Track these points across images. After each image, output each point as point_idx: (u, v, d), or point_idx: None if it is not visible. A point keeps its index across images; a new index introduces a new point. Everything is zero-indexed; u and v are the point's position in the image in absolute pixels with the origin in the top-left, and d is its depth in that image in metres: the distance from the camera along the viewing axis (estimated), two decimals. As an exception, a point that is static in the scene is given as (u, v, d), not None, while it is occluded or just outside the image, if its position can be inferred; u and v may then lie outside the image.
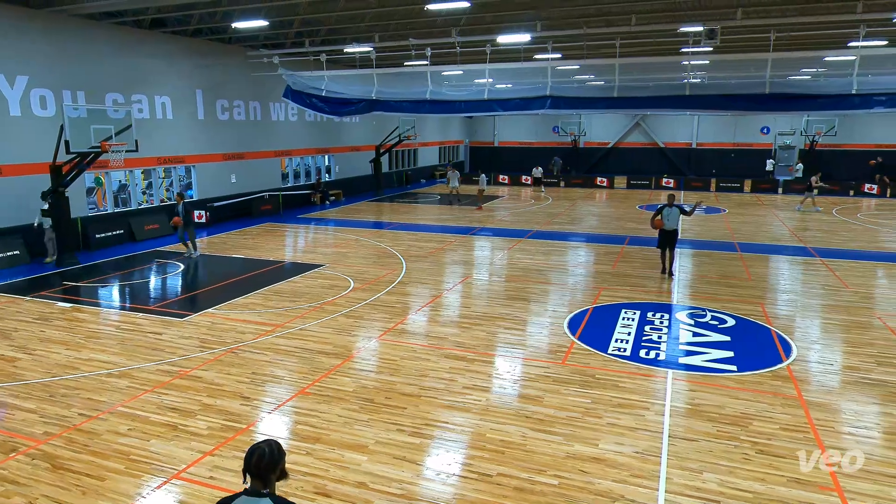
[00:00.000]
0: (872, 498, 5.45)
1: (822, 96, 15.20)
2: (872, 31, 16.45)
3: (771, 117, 35.79)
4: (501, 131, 43.87)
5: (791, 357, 8.86)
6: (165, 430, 6.61)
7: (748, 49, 20.48)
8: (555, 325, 10.30)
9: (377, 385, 7.86)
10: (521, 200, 28.73)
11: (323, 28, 20.65)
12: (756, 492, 5.53)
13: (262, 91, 23.00)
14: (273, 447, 2.95)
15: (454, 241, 17.94)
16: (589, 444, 6.35)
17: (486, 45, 18.15)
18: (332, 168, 29.00)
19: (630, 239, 18.40)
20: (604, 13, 17.63)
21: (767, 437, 6.49)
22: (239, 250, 16.65)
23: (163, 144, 19.32)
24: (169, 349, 9.09)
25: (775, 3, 16.30)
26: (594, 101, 17.90)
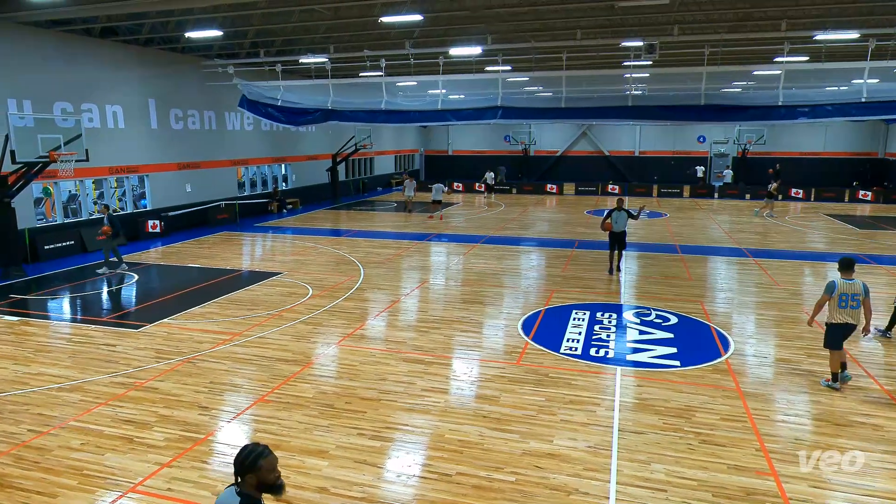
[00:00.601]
0: (805, 480, 5.70)
1: (752, 107, 15.91)
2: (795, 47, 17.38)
3: (706, 127, 37.21)
4: (455, 140, 44.12)
5: (729, 351, 9.19)
6: (120, 443, 6.35)
7: (685, 63, 21.29)
8: (509, 326, 10.40)
9: (337, 390, 7.75)
10: (476, 207, 28.93)
11: (278, 39, 20.35)
12: (700, 479, 5.70)
13: (216, 100, 22.46)
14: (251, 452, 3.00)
15: (411, 248, 17.90)
16: (544, 441, 6.42)
17: (438, 57, 18.26)
18: (288, 177, 28.54)
19: (579, 242, 18.76)
20: (550, 28, 17.99)
21: (709, 428, 6.71)
22: (195, 259, 16.16)
23: (114, 154, 18.61)
24: (123, 361, 8.74)
25: (709, 21, 16.99)
26: (543, 112, 18.23)
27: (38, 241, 16.05)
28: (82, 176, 17.49)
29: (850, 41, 16.42)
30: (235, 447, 6.32)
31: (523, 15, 16.55)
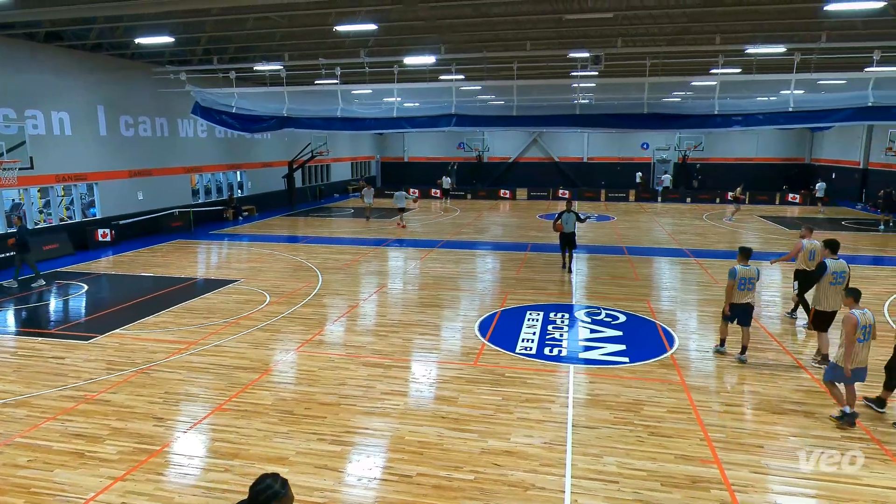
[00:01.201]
0: (745, 466, 5.93)
1: (691, 116, 16.52)
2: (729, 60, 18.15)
3: (649, 134, 38.39)
4: (411, 147, 44.10)
5: (674, 347, 9.49)
6: (70, 458, 6.04)
7: (628, 74, 21.93)
8: (466, 328, 10.44)
9: (296, 396, 7.60)
10: (432, 213, 28.96)
11: (232, 46, 19.88)
12: (649, 469, 5.86)
13: (169, 107, 21.75)
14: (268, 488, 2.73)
15: (369, 253, 17.76)
16: (501, 439, 6.47)
17: (393, 65, 18.22)
18: (244, 184, 27.88)
19: (532, 246, 19.02)
20: (501, 39, 18.22)
21: (657, 420, 6.90)
22: (148, 268, 15.58)
23: (61, 161, 17.75)
24: (73, 373, 8.33)
25: (649, 34, 17.56)
26: (495, 119, 18.42)
27: (-21, 252, 15.15)
28: (27, 184, 16.61)
29: (777, 55, 17.27)
30: (193, 457, 6.14)
31: (476, 26, 16.71)
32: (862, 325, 6.63)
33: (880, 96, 14.76)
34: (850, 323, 6.64)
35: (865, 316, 6.72)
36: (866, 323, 6.69)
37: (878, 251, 18.29)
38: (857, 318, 6.62)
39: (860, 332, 6.63)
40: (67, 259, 16.75)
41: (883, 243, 19.61)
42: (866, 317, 6.72)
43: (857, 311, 6.71)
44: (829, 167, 34.06)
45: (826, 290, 8.47)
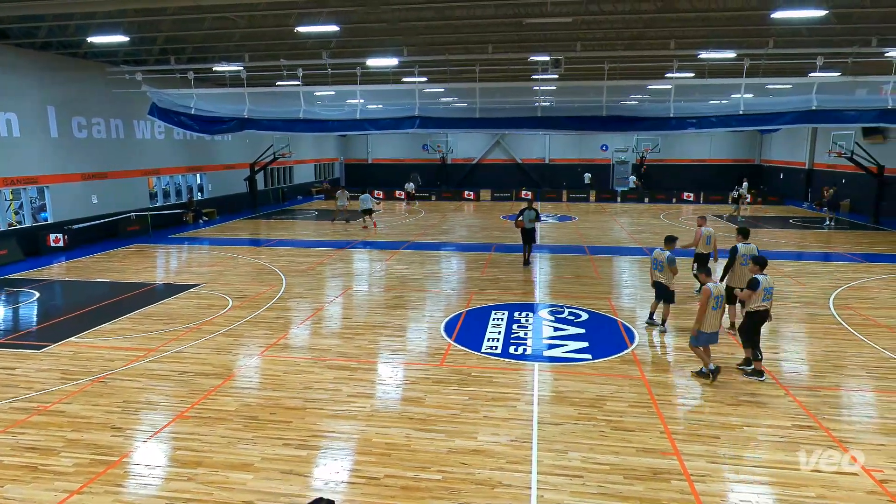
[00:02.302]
0: (703, 457, 6.11)
1: (647, 118, 16.94)
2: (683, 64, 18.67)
3: (608, 136, 39.20)
4: (374, 149, 43.84)
5: (634, 343, 9.70)
6: (23, 473, 5.79)
7: (588, 77, 22.33)
8: (432, 329, 10.44)
9: (261, 402, 7.46)
10: (396, 214, 28.85)
11: (189, 45, 19.38)
12: (612, 463, 5.98)
13: (124, 108, 21.05)
14: None
15: (333, 255, 17.58)
16: (468, 438, 6.49)
17: (356, 67, 18.09)
18: (204, 187, 27.21)
19: (496, 246, 19.16)
20: (464, 41, 18.31)
21: (619, 415, 7.05)
22: (104, 274, 15.04)
23: (9, 164, 16.97)
24: (24, 384, 7.98)
25: (607, 38, 17.93)
26: (458, 122, 18.51)
27: (-80, 260, 14.35)
28: (-28, 188, 15.83)
29: (729, 60, 17.88)
30: (154, 466, 5.95)
31: (438, 28, 16.75)
32: (714, 295, 7.78)
33: (823, 100, 15.45)
34: (705, 294, 7.78)
35: (717, 288, 7.90)
36: (718, 293, 7.87)
37: (824, 247, 19.10)
38: (710, 290, 7.75)
39: (713, 301, 7.76)
40: (17, 266, 16.02)
41: (827, 240, 20.49)
42: (718, 288, 7.91)
43: (711, 284, 7.84)
44: (778, 168, 35.44)
45: (737, 269, 9.88)
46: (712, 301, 7.74)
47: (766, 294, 7.96)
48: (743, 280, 9.26)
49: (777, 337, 10.05)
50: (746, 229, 10.52)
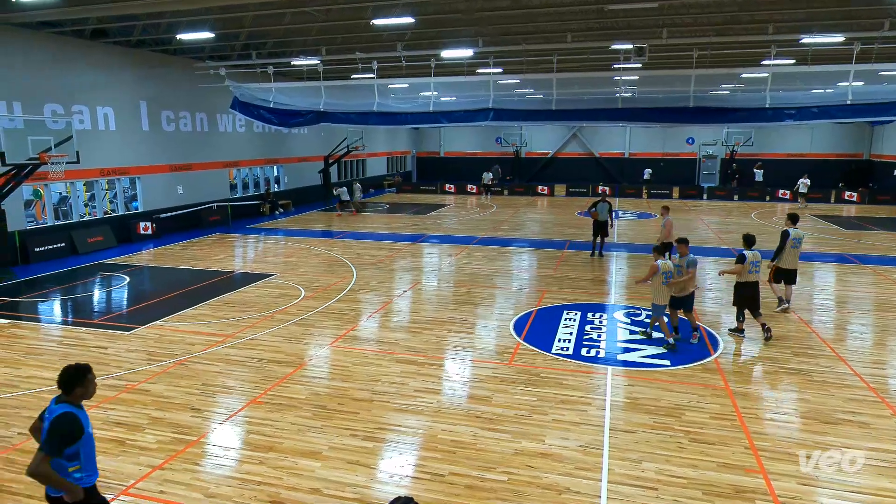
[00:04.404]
0: (793, 477, 5.74)
1: (740, 110, 16.01)
2: (782, 50, 17.50)
3: (695, 129, 37.47)
4: (447, 142, 44.14)
5: (718, 351, 9.25)
6: (112, 446, 6.29)
7: (673, 66, 21.41)
8: (501, 327, 10.41)
9: (330, 391, 7.73)
10: (468, 209, 28.95)
11: (270, 40, 20.26)
12: (689, 477, 5.73)
13: (208, 102, 22.34)
14: None
15: (403, 249, 17.89)
16: (536, 441, 6.43)
17: (430, 59, 18.25)
18: (281, 178, 28.43)
19: (570, 243, 18.81)
20: (541, 31, 18.04)
21: (699, 426, 6.75)
22: (187, 261, 16.07)
23: (106, 156, 18.46)
24: (115, 363, 8.67)
25: (697, 24, 17.09)
26: (534, 114, 18.27)
27: (28, 244, 15.89)
28: (73, 178, 17.33)
29: (835, 44, 16.58)
30: (229, 448, 6.32)
31: (514, 18, 16.59)
32: (662, 271, 9.04)
33: (948, 88, 14.02)
34: (651, 269, 9.18)
35: (666, 264, 9.13)
36: (666, 269, 9.09)
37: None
38: (657, 266, 9.04)
39: (661, 276, 9.02)
40: (111, 251, 17.42)
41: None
42: (666, 265, 9.13)
43: (660, 261, 9.11)
44: (891, 164, 32.55)
45: (787, 252, 10.94)
46: (661, 276, 9.01)
47: (752, 267, 9.43)
48: (791, 261, 10.91)
49: (885, 352, 9.28)
50: (796, 214, 11.40)
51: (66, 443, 3.72)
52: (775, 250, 11.11)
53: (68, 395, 3.92)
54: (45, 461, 3.63)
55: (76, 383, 3.91)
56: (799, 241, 11.07)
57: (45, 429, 3.78)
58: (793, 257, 10.98)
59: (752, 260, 9.46)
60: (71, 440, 3.75)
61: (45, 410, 3.94)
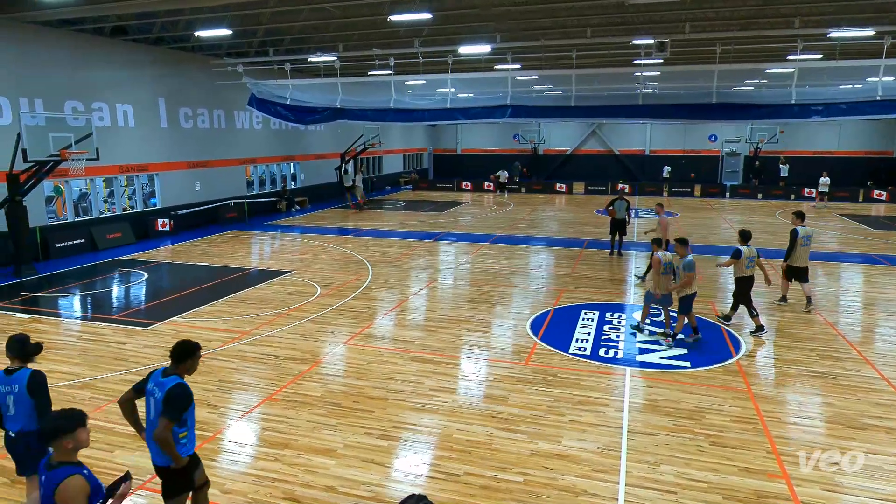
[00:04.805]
0: (817, 483, 5.65)
1: (764, 106, 15.76)
2: (809, 45, 17.20)
3: (718, 125, 36.96)
4: (464, 139, 44.10)
5: (740, 352, 9.13)
6: (130, 441, 6.40)
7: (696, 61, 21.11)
8: (518, 326, 10.38)
9: (345, 389, 7.77)
10: (484, 206, 28.91)
11: (287, 37, 20.41)
12: (710, 482, 5.67)
13: (226, 99, 22.58)
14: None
15: (419, 247, 17.92)
16: (552, 442, 6.41)
17: (447, 55, 18.25)
18: (297, 175, 28.64)
19: (589, 242, 18.69)
20: (560, 26, 17.93)
21: (720, 430, 6.67)
22: (204, 258, 16.27)
23: (125, 153, 18.76)
24: (133, 358, 8.82)
25: (720, 18, 16.86)
26: (552, 110, 18.16)
27: (49, 239, 16.22)
28: (93, 174, 17.65)
29: (864, 38, 16.24)
30: (244, 445, 6.39)
31: (533, 13, 16.51)
32: (664, 262, 9.37)
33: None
34: (654, 262, 9.55)
35: (666, 256, 9.50)
36: (667, 261, 9.44)
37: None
38: (659, 258, 9.39)
39: (663, 267, 9.37)
40: (129, 248, 17.71)
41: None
42: (667, 257, 9.50)
43: (660, 253, 9.46)
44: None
45: (797, 250, 11.06)
46: (663, 268, 9.39)
47: (748, 262, 9.87)
48: (802, 259, 11.09)
49: (913, 355, 9.09)
50: (802, 212, 11.50)
51: (182, 408, 4.15)
52: (787, 250, 11.22)
53: (176, 368, 4.30)
54: (169, 427, 4.07)
55: (187, 357, 4.30)
56: (808, 239, 11.20)
57: (159, 399, 4.15)
58: (804, 255, 11.15)
59: (748, 255, 9.88)
60: (186, 406, 4.19)
61: (148, 382, 4.32)
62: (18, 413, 4.60)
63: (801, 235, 11.03)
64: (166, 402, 4.11)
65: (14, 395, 4.55)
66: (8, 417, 4.64)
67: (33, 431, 4.57)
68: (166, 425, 4.07)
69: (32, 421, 4.60)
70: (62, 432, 3.21)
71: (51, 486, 3.08)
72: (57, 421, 3.28)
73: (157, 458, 4.28)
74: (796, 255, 11.13)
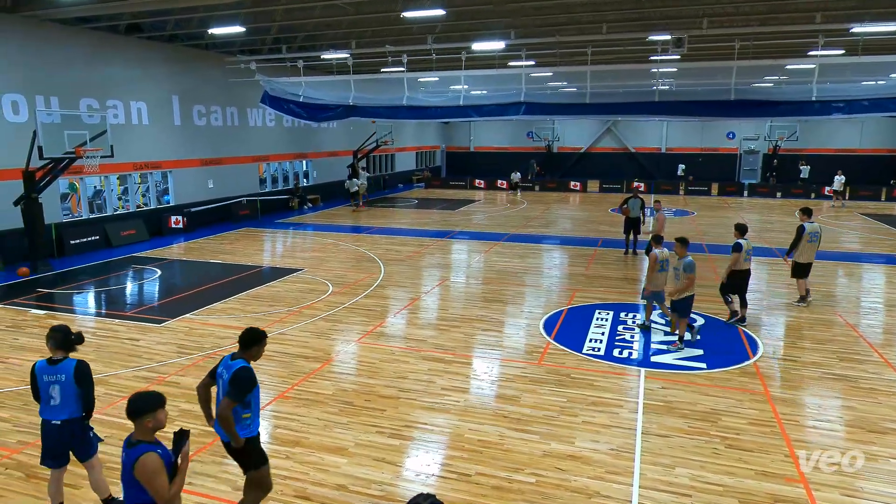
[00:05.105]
0: (836, 488, 5.58)
1: (784, 103, 15.54)
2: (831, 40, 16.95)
3: (736, 123, 36.54)
4: (477, 136, 44.04)
5: (758, 354, 9.03)
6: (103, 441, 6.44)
7: (714, 57, 20.92)
8: (531, 326, 10.35)
9: (356, 388, 7.80)
10: (498, 205, 28.84)
11: (300, 34, 20.51)
12: (726, 485, 5.62)
13: (239, 97, 22.74)
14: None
15: (432, 245, 17.93)
16: (565, 442, 6.39)
17: (461, 52, 18.21)
18: (309, 173, 28.78)
19: (603, 241, 18.59)
20: (575, 22, 17.83)
21: (736, 432, 6.61)
22: (217, 255, 16.41)
23: (139, 150, 18.97)
24: (146, 355, 8.92)
25: (739, 13, 16.66)
26: (567, 108, 18.04)
27: (64, 236, 16.45)
28: (107, 172, 17.86)
29: (888, 34, 15.96)
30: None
31: (548, 9, 16.43)
32: (660, 259, 9.49)
33: None
34: (651, 258, 9.64)
35: (663, 253, 9.59)
36: (664, 258, 9.56)
37: None
38: (656, 255, 9.51)
39: (658, 264, 9.46)
40: (143, 244, 17.91)
41: None
42: (664, 254, 9.58)
43: (657, 251, 9.56)
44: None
45: (803, 246, 11.20)
46: (658, 265, 9.42)
47: (747, 255, 10.14)
48: (808, 256, 11.19)
49: (937, 358, 8.94)
50: (809, 208, 11.62)
51: (246, 391, 4.45)
52: (791, 244, 11.43)
53: (244, 353, 4.57)
54: (230, 406, 4.40)
55: (254, 344, 4.56)
56: (815, 236, 11.29)
57: (226, 380, 4.47)
58: (810, 251, 11.28)
59: (746, 248, 10.20)
60: (249, 389, 4.48)
61: (219, 367, 4.65)
62: (64, 402, 4.82)
63: (808, 232, 11.17)
64: (231, 384, 4.42)
65: (60, 384, 4.78)
66: (52, 407, 4.85)
67: (78, 419, 4.86)
68: (228, 405, 4.40)
69: (78, 409, 4.86)
70: (145, 412, 3.54)
71: (129, 461, 3.44)
72: (141, 402, 3.59)
73: (224, 435, 4.60)
74: (802, 252, 11.24)
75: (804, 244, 11.18)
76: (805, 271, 11.40)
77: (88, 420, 5.01)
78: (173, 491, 3.45)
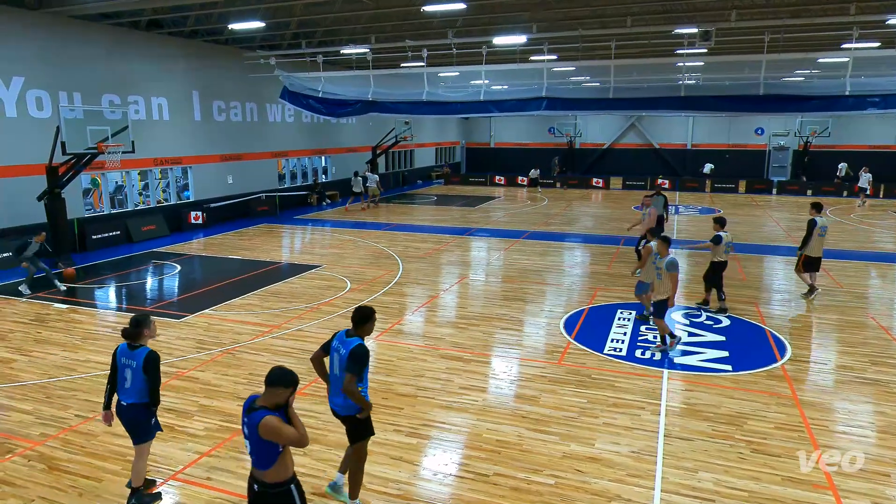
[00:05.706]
0: (867, 496, 5.47)
1: (816, 97, 15.22)
2: (865, 32, 16.56)
3: (765, 118, 35.93)
4: (498, 132, 43.91)
5: (785, 356, 8.88)
6: (162, 431, 6.58)
7: (742, 50, 20.57)
8: (551, 325, 10.31)
9: (374, 385, 7.84)
10: (518, 202, 28.75)
11: (319, 29, 20.63)
12: (751, 490, 5.54)
13: (258, 92, 22.97)
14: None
15: (451, 242, 17.94)
16: (585, 444, 6.35)
17: (482, 46, 18.16)
18: (328, 169, 28.97)
19: (625, 240, 18.42)
20: (599, 15, 17.67)
21: (762, 437, 6.51)
22: (236, 251, 16.61)
23: (159, 145, 19.28)
24: (166, 350, 9.06)
25: (769, 5, 16.36)
26: (589, 103, 17.91)
27: (86, 231, 16.79)
28: (128, 167, 18.18)
29: (927, 25, 15.55)
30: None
31: (571, 1, 16.30)
32: (655, 252, 9.27)
33: None
34: (646, 250, 9.84)
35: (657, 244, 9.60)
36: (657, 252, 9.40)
37: None
38: (652, 247, 9.43)
39: (653, 257, 9.34)
40: (163, 240, 18.20)
41: None
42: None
43: (653, 243, 9.48)
44: None
45: (813, 240, 11.40)
46: (652, 258, 9.35)
47: (727, 247, 10.81)
48: (817, 250, 11.48)
49: (975, 363, 8.70)
50: (819, 203, 11.86)
51: (363, 365, 4.80)
52: (803, 240, 11.60)
53: (358, 330, 4.93)
54: (353, 381, 4.74)
55: (365, 322, 4.95)
56: (824, 230, 11.64)
57: (343, 356, 4.81)
58: (819, 245, 11.57)
59: (727, 241, 10.88)
60: (366, 363, 4.85)
61: (333, 341, 5.03)
62: (133, 386, 5.12)
63: (819, 226, 11.46)
64: (351, 359, 4.74)
65: (132, 369, 5.11)
66: (125, 389, 5.17)
67: (141, 405, 5.12)
68: (351, 379, 4.73)
69: (143, 395, 5.12)
70: (282, 385, 3.85)
71: (252, 423, 3.78)
72: (283, 375, 3.88)
73: (341, 409, 4.96)
74: (812, 246, 11.49)
75: (815, 238, 11.42)
76: (816, 265, 11.70)
77: (155, 408, 5.25)
78: (301, 431, 3.84)
